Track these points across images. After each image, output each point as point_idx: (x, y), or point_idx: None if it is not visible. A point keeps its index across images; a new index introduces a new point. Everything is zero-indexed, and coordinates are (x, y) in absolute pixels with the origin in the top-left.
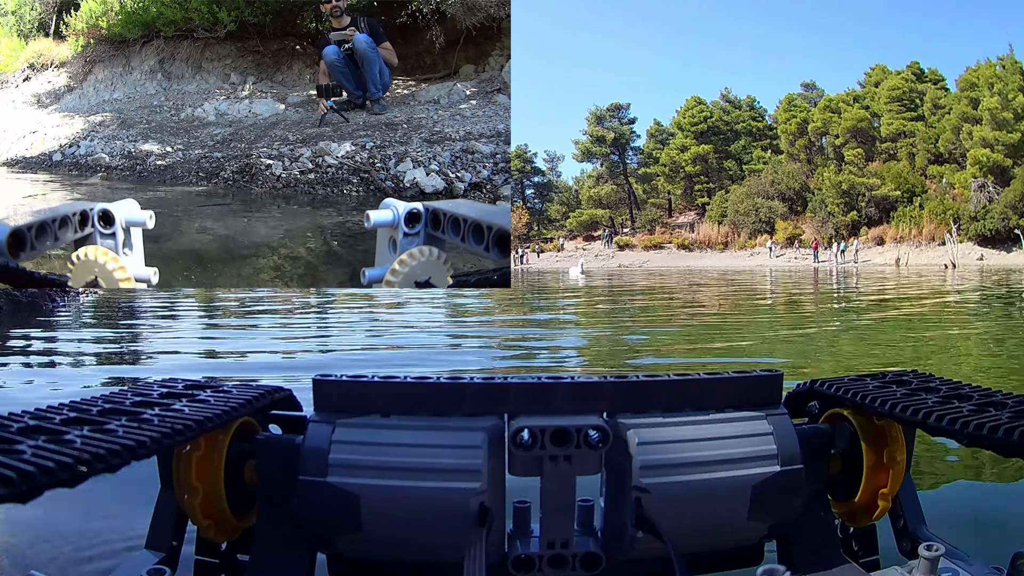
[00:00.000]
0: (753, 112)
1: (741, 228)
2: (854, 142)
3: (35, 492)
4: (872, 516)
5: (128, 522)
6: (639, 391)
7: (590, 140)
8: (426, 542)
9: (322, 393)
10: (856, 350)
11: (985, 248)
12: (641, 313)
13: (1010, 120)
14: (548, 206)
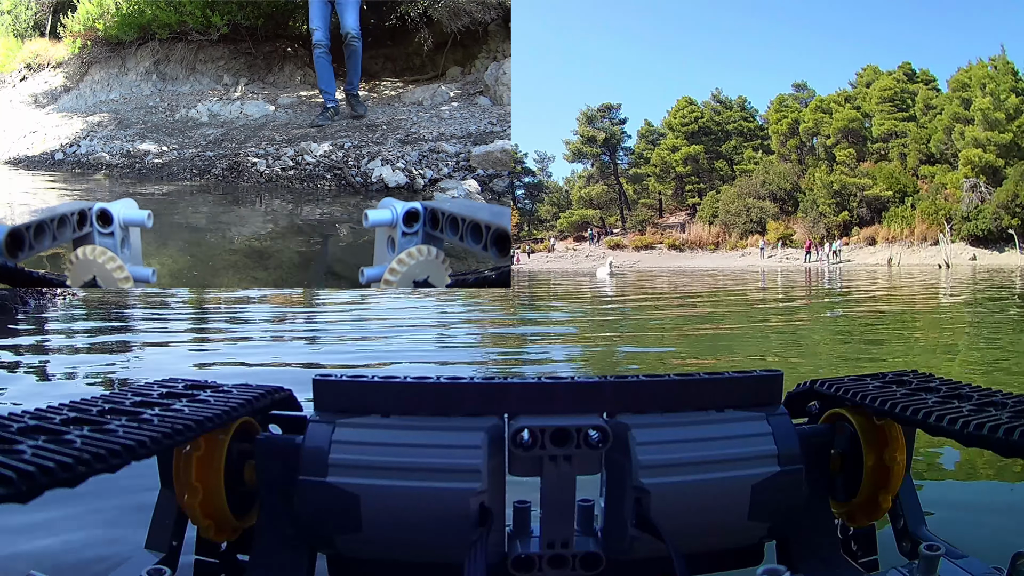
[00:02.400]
0: (744, 112)
1: (732, 228)
2: (845, 142)
3: (35, 492)
4: (872, 516)
5: (128, 523)
6: (639, 391)
7: (581, 140)
8: (426, 542)
9: (322, 393)
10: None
11: (977, 248)
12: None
13: (1002, 120)
14: (538, 206)
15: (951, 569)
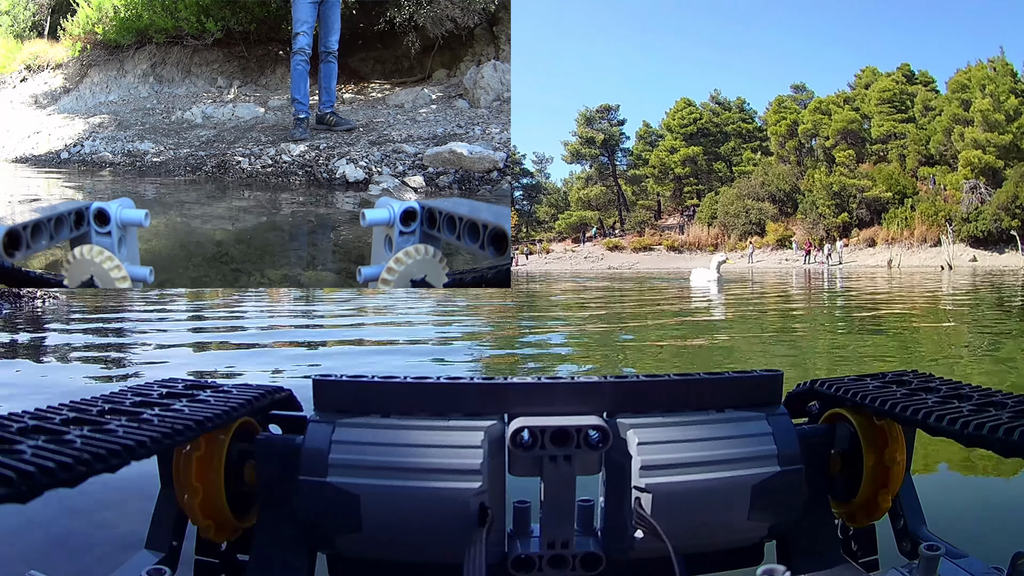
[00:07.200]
0: (743, 114)
1: (731, 230)
2: (844, 144)
3: (35, 492)
4: (872, 516)
5: (128, 523)
6: (639, 391)
7: (579, 142)
8: (426, 542)
9: (322, 393)
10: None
11: (977, 249)
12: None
13: (1002, 122)
14: (537, 208)
15: (951, 569)
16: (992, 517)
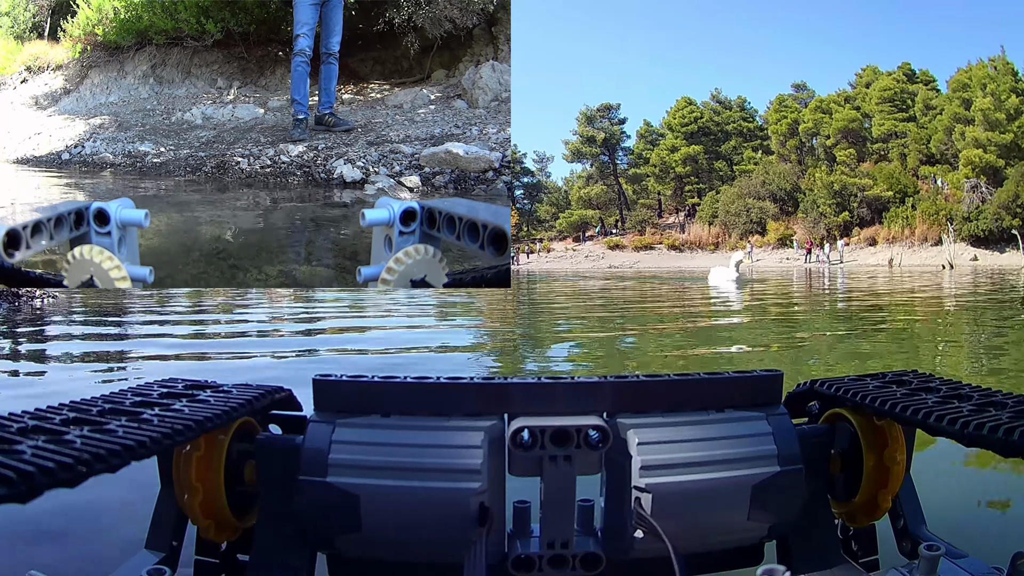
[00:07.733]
0: (744, 113)
1: (732, 229)
2: (845, 143)
3: (35, 492)
4: (872, 516)
5: (128, 523)
6: (639, 391)
7: (580, 140)
8: (426, 542)
9: (322, 393)
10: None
11: (978, 248)
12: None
13: (1003, 121)
14: (537, 207)
15: (951, 569)
16: (992, 517)
